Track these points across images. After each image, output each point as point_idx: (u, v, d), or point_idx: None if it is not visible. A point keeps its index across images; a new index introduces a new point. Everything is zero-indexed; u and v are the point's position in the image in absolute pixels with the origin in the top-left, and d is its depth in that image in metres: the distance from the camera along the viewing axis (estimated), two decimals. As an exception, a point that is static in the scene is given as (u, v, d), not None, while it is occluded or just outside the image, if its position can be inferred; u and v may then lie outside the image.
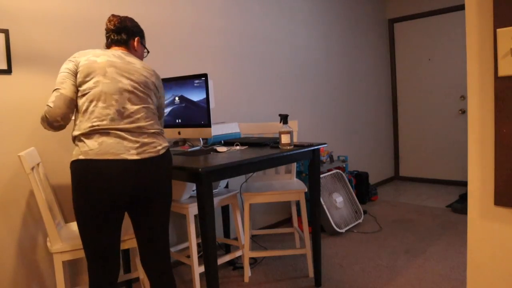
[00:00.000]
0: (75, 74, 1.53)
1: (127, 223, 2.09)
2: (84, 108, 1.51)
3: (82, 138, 1.49)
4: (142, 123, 1.57)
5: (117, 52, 1.63)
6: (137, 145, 1.53)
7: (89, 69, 1.52)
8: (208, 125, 2.24)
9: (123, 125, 1.52)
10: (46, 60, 2.18)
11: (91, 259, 1.56)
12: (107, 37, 1.72)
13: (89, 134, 1.48)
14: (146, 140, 1.56)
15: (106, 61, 1.55)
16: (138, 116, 1.56)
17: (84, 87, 1.51)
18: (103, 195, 1.46)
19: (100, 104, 1.50)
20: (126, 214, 2.23)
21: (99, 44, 2.40)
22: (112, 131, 1.49)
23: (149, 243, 1.65)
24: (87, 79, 1.51)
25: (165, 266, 1.69)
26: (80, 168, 1.46)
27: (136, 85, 1.58)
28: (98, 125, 1.48)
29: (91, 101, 1.50)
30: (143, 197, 1.57)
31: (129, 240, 1.95)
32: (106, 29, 1.72)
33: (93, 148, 1.46)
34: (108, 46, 1.72)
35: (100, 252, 1.54)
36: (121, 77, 1.56)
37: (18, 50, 2.07)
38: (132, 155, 1.50)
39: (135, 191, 1.53)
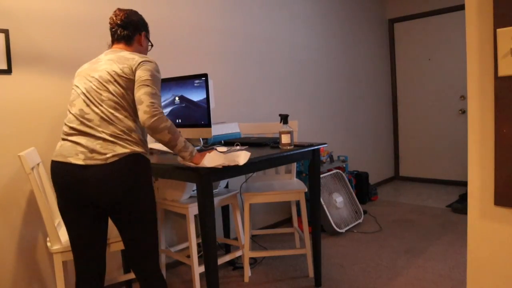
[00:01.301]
0: None
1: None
2: None
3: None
4: (96, 127, 1.51)
5: (102, 56, 1.64)
6: (87, 150, 1.48)
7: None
8: (208, 125, 2.24)
9: (81, 128, 1.52)
10: (46, 60, 2.18)
11: (72, 251, 1.63)
12: (113, 32, 1.69)
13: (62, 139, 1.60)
14: (98, 146, 1.48)
15: (79, 71, 1.65)
16: (94, 119, 1.51)
17: None
18: (60, 194, 1.55)
19: (68, 112, 1.60)
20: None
21: (99, 44, 2.40)
22: (72, 136, 1.53)
23: (129, 248, 1.61)
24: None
25: (149, 270, 1.62)
26: (50, 167, 1.59)
27: (91, 84, 1.55)
28: (64, 131, 1.58)
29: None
30: (96, 204, 1.53)
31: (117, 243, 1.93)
32: (111, 23, 1.68)
33: (56, 149, 1.57)
34: (112, 43, 1.72)
35: (76, 245, 1.60)
36: (83, 81, 1.59)
37: (18, 50, 2.07)
38: (78, 160, 1.47)
39: (85, 197, 1.50)
